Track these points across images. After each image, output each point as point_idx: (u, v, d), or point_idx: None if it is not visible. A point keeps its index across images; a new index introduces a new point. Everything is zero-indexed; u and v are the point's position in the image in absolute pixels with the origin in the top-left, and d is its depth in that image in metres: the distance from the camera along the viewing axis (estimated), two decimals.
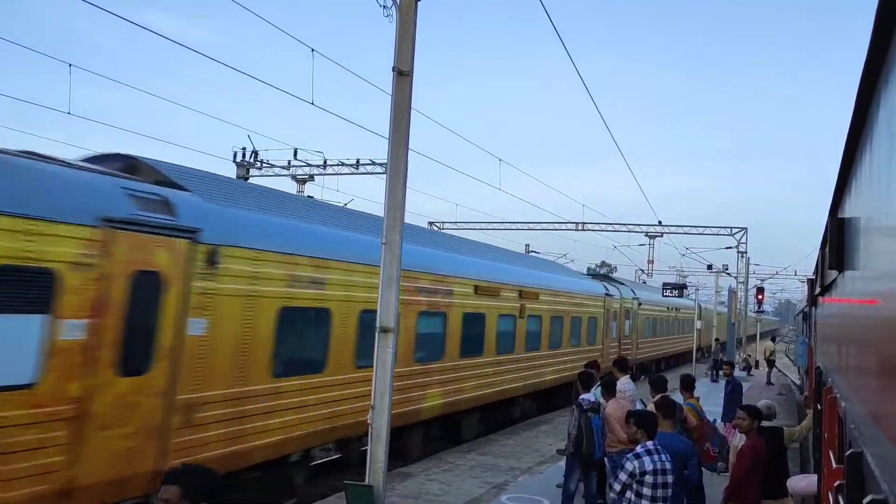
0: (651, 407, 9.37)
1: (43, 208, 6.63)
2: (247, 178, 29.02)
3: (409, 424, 13.54)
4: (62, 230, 6.73)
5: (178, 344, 8.02)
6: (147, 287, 7.63)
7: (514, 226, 44.61)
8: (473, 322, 15.63)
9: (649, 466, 6.36)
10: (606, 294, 26.62)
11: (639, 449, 6.53)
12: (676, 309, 39.47)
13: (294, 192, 30.98)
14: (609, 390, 10.62)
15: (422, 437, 14.46)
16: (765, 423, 8.73)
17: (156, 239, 7.76)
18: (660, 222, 39.98)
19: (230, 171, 28.36)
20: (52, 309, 6.63)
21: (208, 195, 9.05)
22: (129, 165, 8.91)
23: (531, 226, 43.99)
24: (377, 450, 6.38)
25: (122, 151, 9.17)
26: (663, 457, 6.50)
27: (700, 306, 38.02)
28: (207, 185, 9.48)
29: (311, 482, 11.47)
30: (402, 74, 6.61)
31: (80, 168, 7.89)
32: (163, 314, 7.84)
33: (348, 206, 17.04)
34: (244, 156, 28.92)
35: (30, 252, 6.45)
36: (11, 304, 6.42)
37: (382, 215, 6.72)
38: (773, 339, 38.24)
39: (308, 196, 29.29)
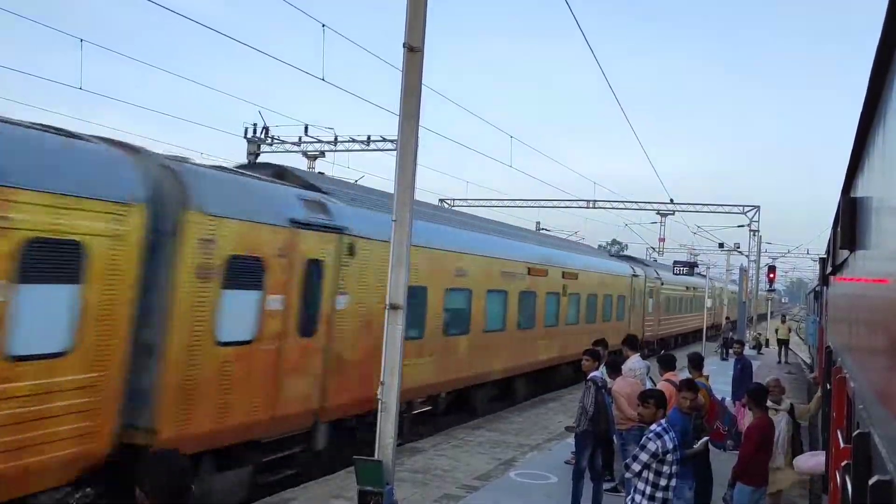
0: (660, 385, 9.40)
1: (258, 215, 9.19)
2: (257, 155, 29.02)
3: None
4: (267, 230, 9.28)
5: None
6: (315, 271, 10.19)
7: (525, 203, 44.49)
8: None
9: (670, 445, 6.36)
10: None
11: (657, 428, 6.49)
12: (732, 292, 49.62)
13: (304, 168, 30.97)
14: (614, 369, 10.57)
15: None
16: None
17: (320, 235, 10.22)
18: (671, 200, 39.75)
19: (241, 147, 28.35)
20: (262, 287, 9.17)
21: (343, 198, 11.40)
22: (278, 173, 11.28)
23: (542, 203, 43.86)
24: (386, 425, 6.42)
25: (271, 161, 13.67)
26: (672, 434, 6.52)
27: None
28: (339, 189, 11.99)
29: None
30: (413, 51, 6.56)
31: (271, 181, 10.42)
32: (324, 292, 10.34)
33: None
34: (255, 132, 28.90)
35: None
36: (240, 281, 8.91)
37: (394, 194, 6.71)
38: (783, 319, 38.09)
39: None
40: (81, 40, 16.46)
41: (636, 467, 6.38)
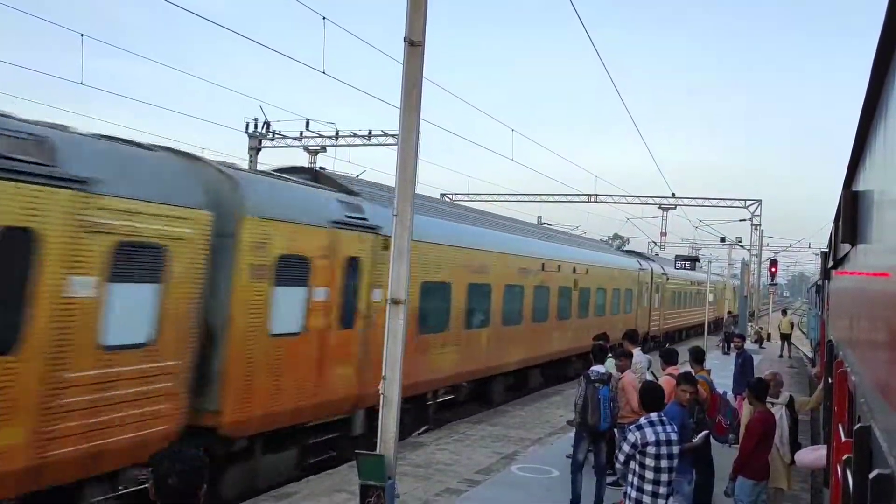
0: (662, 379, 9.40)
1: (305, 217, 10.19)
2: (259, 150, 29.00)
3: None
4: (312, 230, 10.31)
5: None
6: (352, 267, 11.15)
7: (526, 197, 44.48)
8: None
9: (651, 438, 6.35)
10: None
11: (642, 420, 6.53)
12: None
13: (306, 163, 30.96)
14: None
15: None
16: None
17: (357, 234, 11.23)
18: (673, 194, 39.77)
19: (242, 143, 28.32)
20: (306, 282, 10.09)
21: (373, 199, 12.24)
22: (313, 177, 12.53)
23: (543, 197, 43.84)
24: (388, 420, 6.42)
25: (304, 165, 16.18)
26: (668, 427, 6.48)
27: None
28: (369, 191, 12.74)
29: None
30: (414, 45, 6.54)
31: (312, 186, 11.45)
32: (361, 287, 11.30)
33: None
34: (256, 126, 28.88)
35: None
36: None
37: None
38: (784, 313, 38.05)
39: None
40: (82, 35, 16.50)
41: (620, 458, 6.62)
